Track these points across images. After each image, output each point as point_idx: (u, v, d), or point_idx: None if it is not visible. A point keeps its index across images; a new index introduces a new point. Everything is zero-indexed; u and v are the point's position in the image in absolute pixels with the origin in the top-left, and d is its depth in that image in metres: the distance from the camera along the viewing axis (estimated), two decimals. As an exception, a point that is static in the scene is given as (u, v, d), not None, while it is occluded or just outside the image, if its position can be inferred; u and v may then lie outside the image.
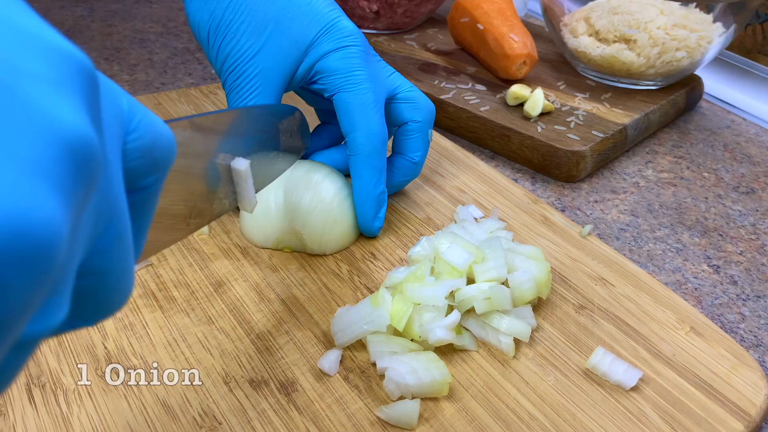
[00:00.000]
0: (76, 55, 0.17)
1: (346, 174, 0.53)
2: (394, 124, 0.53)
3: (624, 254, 0.54)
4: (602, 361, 0.40)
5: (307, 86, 0.51)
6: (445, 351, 0.42)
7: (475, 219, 0.53)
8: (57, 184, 0.15)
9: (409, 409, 0.37)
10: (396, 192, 0.56)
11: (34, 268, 0.14)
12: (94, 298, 0.19)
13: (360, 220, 0.50)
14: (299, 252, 0.49)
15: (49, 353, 0.41)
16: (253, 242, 0.50)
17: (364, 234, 0.51)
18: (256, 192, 0.40)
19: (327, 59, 0.48)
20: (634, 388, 0.40)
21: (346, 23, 0.49)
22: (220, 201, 0.38)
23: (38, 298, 0.15)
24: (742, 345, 0.46)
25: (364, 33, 0.84)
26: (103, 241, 0.19)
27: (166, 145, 0.22)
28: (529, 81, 0.76)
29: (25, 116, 0.15)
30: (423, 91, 0.73)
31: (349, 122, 0.48)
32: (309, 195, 0.48)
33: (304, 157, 0.55)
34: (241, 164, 0.38)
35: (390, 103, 0.52)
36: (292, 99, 0.66)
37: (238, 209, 0.51)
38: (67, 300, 0.16)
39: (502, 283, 0.43)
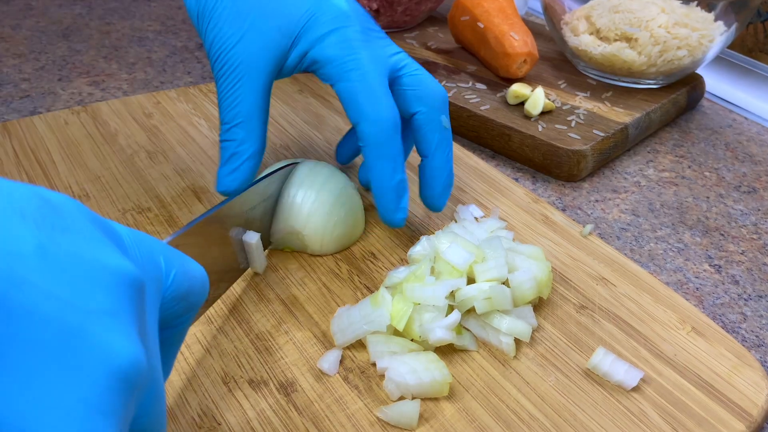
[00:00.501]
0: (126, 272, 0.20)
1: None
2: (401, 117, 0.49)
3: (625, 254, 0.54)
4: (603, 361, 0.40)
5: (308, 72, 0.48)
6: (446, 351, 0.42)
7: (476, 218, 0.53)
8: (114, 413, 0.18)
9: (409, 409, 0.37)
10: (445, 204, 0.51)
11: None
12: None
13: (381, 213, 0.47)
14: (299, 252, 0.49)
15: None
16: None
17: (389, 226, 0.48)
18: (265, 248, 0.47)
19: (320, 46, 0.45)
20: (635, 389, 0.40)
21: (337, 1, 0.46)
22: (236, 267, 0.45)
23: None
24: (743, 345, 0.46)
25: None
26: (145, 406, 0.21)
27: (199, 288, 0.26)
28: (529, 80, 0.76)
29: (89, 357, 0.18)
30: (423, 90, 0.73)
31: (354, 112, 0.45)
32: (312, 196, 0.47)
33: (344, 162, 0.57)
34: (252, 238, 0.44)
35: (392, 89, 0.48)
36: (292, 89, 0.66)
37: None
38: None
39: (503, 283, 0.43)
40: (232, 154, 0.47)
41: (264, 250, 0.46)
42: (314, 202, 0.47)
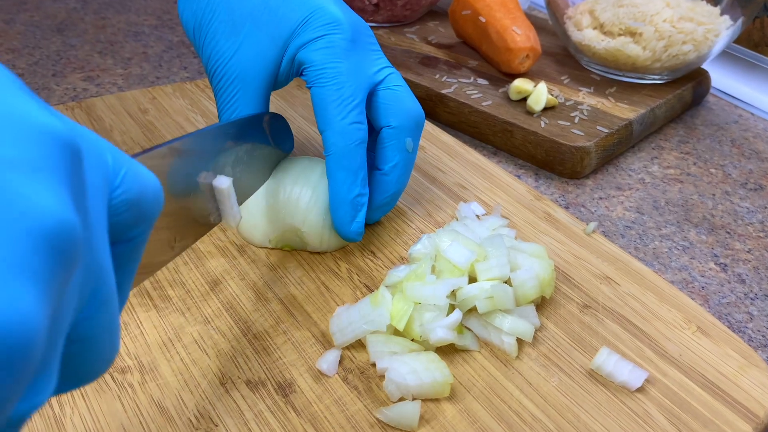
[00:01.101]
0: (56, 129, 0.17)
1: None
2: (371, 128, 0.49)
3: (629, 252, 0.54)
4: (607, 361, 0.40)
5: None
6: (447, 351, 0.42)
7: (477, 216, 0.53)
8: (35, 276, 0.15)
9: (410, 410, 0.37)
10: (379, 219, 0.52)
11: (13, 366, 0.14)
12: (81, 363, 0.19)
13: (336, 225, 0.47)
14: (298, 250, 0.49)
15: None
16: (251, 242, 0.49)
17: (344, 239, 0.48)
18: (240, 203, 0.42)
19: (306, 49, 0.46)
20: (640, 389, 0.40)
21: (332, 9, 0.46)
22: (205, 219, 0.39)
23: (21, 385, 0.15)
24: (750, 345, 0.46)
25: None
26: (90, 308, 0.19)
27: (152, 197, 0.23)
28: (532, 75, 0.76)
29: (2, 209, 0.15)
30: (423, 86, 0.73)
31: (321, 119, 0.46)
32: (308, 192, 0.47)
33: None
34: (223, 182, 0.39)
35: (370, 100, 0.48)
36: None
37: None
38: (54, 375, 0.17)
39: (505, 282, 0.43)
40: None
41: (239, 204, 0.42)
42: (311, 197, 0.47)
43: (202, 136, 0.38)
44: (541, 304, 0.46)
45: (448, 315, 0.41)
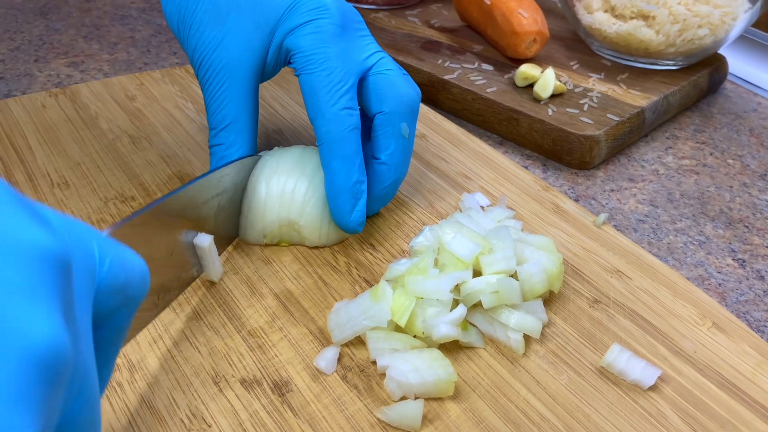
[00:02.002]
0: (49, 248, 0.19)
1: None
2: (365, 116, 0.49)
3: (642, 247, 0.54)
4: (618, 358, 0.40)
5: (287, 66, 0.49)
6: (450, 348, 0.42)
7: (482, 207, 0.53)
8: (29, 402, 0.17)
9: (412, 410, 0.37)
10: (379, 210, 0.52)
11: None
12: None
13: (335, 216, 0.47)
14: (295, 245, 0.49)
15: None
16: (245, 240, 0.49)
17: (344, 231, 0.48)
18: (224, 248, 0.46)
19: (293, 35, 0.46)
20: (653, 388, 0.40)
21: None
22: (187, 273, 0.43)
23: None
24: (768, 342, 0.46)
25: (362, 8, 0.84)
26: (73, 405, 0.20)
27: (138, 281, 0.25)
28: (539, 60, 0.76)
29: (1, 339, 0.17)
30: (425, 71, 0.73)
31: (312, 106, 0.46)
32: (304, 184, 0.47)
33: None
34: (204, 241, 0.42)
35: (361, 86, 0.48)
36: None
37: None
38: None
39: (511, 276, 0.43)
40: (221, 159, 0.48)
41: (219, 253, 0.45)
42: (308, 189, 0.47)
43: (181, 195, 0.40)
44: (549, 299, 0.46)
45: (451, 310, 0.41)
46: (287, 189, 0.47)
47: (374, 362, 0.41)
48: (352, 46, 0.48)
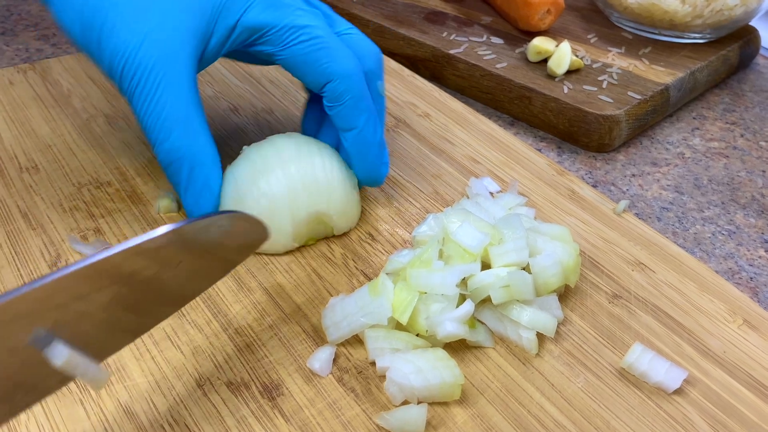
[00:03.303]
0: None
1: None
2: (312, 87, 0.48)
3: (667, 238, 0.54)
4: (640, 359, 0.40)
5: (244, 50, 0.48)
6: (457, 348, 0.42)
7: (491, 194, 0.53)
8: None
9: (415, 415, 0.37)
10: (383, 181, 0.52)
11: None
12: None
13: (368, 173, 0.49)
14: (320, 239, 0.49)
15: (-9, 351, 0.41)
16: (273, 252, 0.48)
17: (372, 185, 0.51)
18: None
19: (250, 13, 0.45)
20: (678, 391, 0.40)
21: None
22: (35, 388, 0.33)
23: None
24: (803, 341, 0.46)
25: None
26: None
27: None
28: (554, 33, 0.76)
29: None
30: (429, 45, 0.72)
31: (317, 74, 0.46)
32: (319, 169, 0.47)
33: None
34: (58, 356, 0.30)
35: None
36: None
37: None
38: None
39: (523, 269, 0.43)
40: (189, 172, 0.45)
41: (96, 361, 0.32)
42: (325, 174, 0.47)
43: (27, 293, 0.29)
44: (565, 294, 0.46)
45: (458, 306, 0.40)
46: (306, 181, 0.46)
47: (373, 363, 0.41)
48: (308, 5, 0.48)
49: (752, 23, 0.80)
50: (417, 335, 0.41)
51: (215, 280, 0.39)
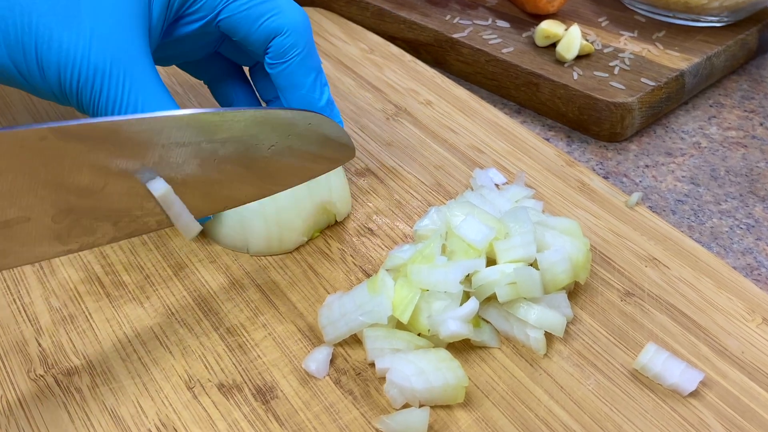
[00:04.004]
0: None
1: None
2: (255, 48, 0.48)
3: (682, 232, 0.54)
4: (654, 360, 0.40)
5: (178, 26, 0.46)
6: (460, 348, 0.42)
7: (496, 185, 0.53)
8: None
9: (416, 419, 0.37)
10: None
11: None
12: None
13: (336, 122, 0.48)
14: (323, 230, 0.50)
15: (-31, 352, 0.41)
16: (283, 251, 0.48)
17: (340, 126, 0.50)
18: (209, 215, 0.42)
19: None
20: (694, 394, 0.40)
21: None
22: (137, 220, 0.39)
23: None
24: (825, 341, 0.46)
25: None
26: None
27: None
28: (563, 16, 0.75)
29: None
30: (431, 29, 0.72)
31: (262, 30, 0.46)
32: None
33: None
34: (158, 188, 0.38)
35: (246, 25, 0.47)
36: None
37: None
38: None
39: (530, 265, 0.42)
40: None
41: (204, 218, 0.42)
42: None
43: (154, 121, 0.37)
44: (575, 292, 0.46)
45: (461, 304, 0.40)
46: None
47: (372, 364, 0.41)
48: None
49: (772, 6, 0.79)
50: (418, 335, 0.41)
51: (297, 180, 0.44)
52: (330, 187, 0.48)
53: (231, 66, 0.54)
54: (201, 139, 0.38)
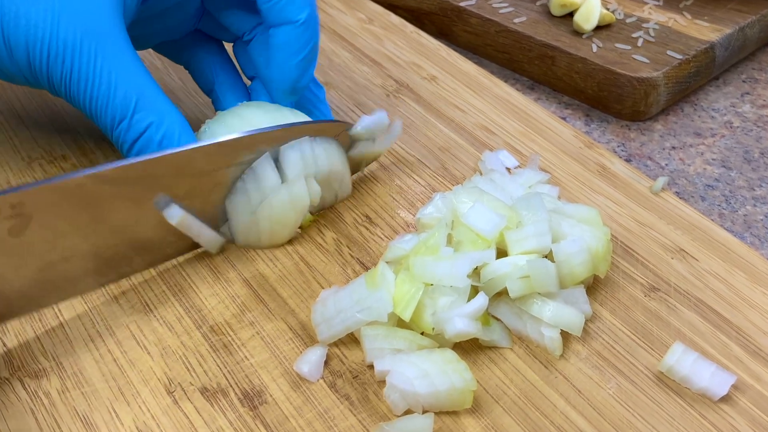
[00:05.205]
0: None
1: None
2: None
3: (712, 219, 0.54)
4: (681, 361, 0.40)
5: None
6: (468, 349, 0.41)
7: (508, 169, 0.53)
8: None
9: (419, 427, 0.37)
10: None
11: None
12: None
13: (289, 74, 0.49)
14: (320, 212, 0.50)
15: (-73, 352, 0.40)
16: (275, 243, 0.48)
17: (288, 96, 0.50)
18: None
19: None
20: (725, 398, 0.40)
21: None
22: (172, 245, 0.45)
23: None
24: None
25: None
26: None
27: None
28: (581, -18, 0.75)
29: None
30: (436, -3, 0.72)
31: (277, 10, 0.47)
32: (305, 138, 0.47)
33: None
34: (174, 215, 0.43)
35: None
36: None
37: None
38: None
39: (545, 256, 0.42)
40: (161, 144, 0.44)
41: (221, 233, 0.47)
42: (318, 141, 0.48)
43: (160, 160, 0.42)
44: (594, 286, 0.45)
45: (469, 300, 0.40)
46: (306, 150, 0.46)
47: (371, 366, 0.40)
48: None
49: (811, -29, 0.79)
50: (422, 334, 0.41)
51: None
52: (330, 164, 0.48)
53: (211, 46, 0.54)
54: (222, 163, 0.44)
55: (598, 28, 0.68)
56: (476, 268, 0.42)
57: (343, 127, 0.49)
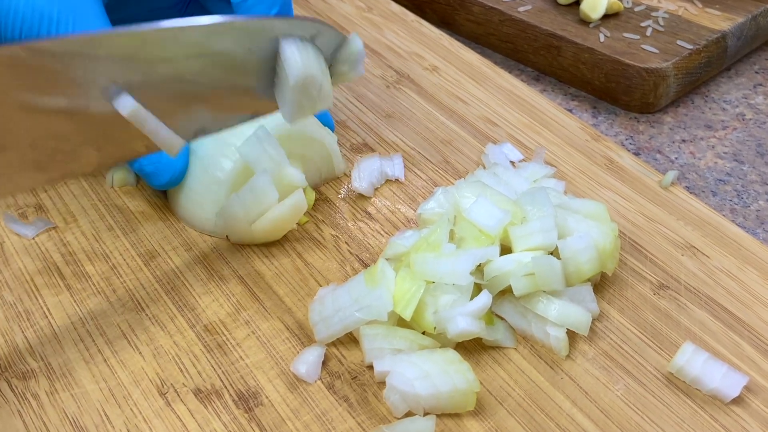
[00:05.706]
0: None
1: None
2: None
3: (724, 215, 0.54)
4: (692, 361, 0.40)
5: None
6: (471, 349, 0.41)
7: (512, 163, 0.53)
8: None
9: (420, 429, 0.37)
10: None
11: None
12: None
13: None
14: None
15: None
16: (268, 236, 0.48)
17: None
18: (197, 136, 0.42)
19: None
20: (736, 400, 0.40)
21: None
22: (123, 144, 0.40)
23: None
24: None
25: None
26: None
27: None
28: (588, -31, 0.75)
29: None
30: (438, -16, 0.72)
31: None
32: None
33: None
34: (126, 105, 0.38)
35: None
36: None
37: None
38: None
39: (551, 253, 0.42)
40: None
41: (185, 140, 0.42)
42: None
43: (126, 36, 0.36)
44: (601, 284, 0.45)
45: (472, 299, 0.40)
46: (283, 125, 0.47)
47: (371, 367, 0.40)
48: None
49: (827, -42, 0.79)
50: (423, 333, 0.41)
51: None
52: (312, 132, 0.49)
53: None
54: (181, 52, 0.39)
55: (606, 17, 0.68)
56: (479, 266, 0.41)
57: (319, 28, 0.42)
